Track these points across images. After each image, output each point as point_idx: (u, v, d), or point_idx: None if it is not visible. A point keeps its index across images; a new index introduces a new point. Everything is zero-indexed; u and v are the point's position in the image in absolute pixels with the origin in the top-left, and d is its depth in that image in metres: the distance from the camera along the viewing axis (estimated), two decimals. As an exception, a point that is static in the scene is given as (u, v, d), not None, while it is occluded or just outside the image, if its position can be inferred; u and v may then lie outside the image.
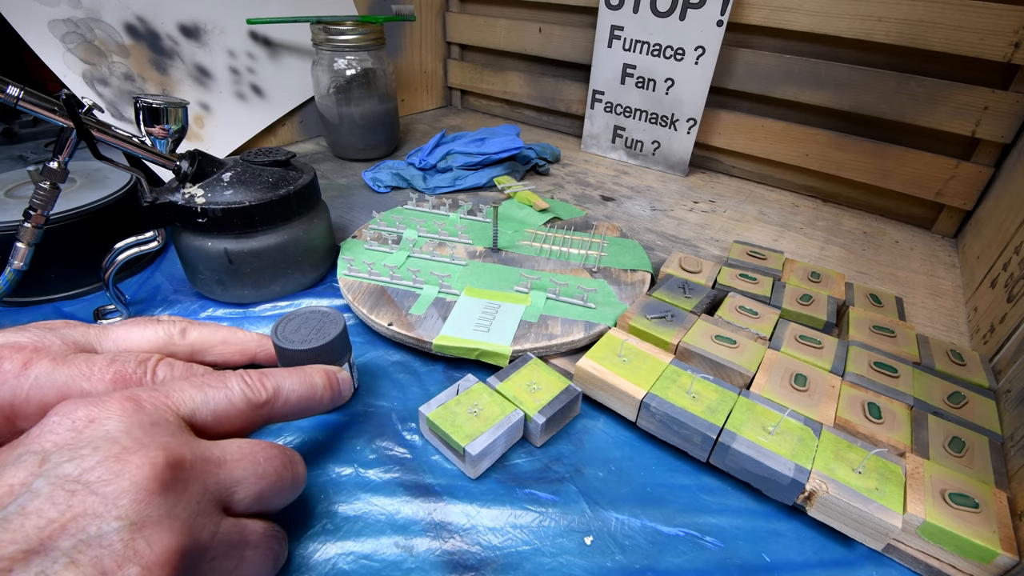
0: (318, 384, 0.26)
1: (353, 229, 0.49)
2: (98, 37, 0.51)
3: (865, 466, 0.26)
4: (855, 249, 0.53)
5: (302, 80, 0.68)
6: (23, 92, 0.30)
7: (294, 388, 0.24)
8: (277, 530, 0.22)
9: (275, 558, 0.21)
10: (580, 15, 0.73)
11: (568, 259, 0.45)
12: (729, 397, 0.30)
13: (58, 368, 0.23)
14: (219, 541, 0.18)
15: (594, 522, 0.26)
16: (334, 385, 0.27)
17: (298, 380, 0.25)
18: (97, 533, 0.15)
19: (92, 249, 0.38)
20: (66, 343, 0.25)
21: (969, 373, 0.34)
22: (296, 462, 0.22)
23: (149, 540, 0.16)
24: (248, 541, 0.20)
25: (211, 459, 0.19)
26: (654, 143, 0.69)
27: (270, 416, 0.24)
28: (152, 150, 0.35)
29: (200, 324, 0.31)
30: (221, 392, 0.22)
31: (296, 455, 0.23)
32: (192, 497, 0.18)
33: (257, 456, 0.21)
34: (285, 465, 0.22)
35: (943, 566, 0.25)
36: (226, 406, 0.22)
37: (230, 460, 0.20)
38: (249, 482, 0.20)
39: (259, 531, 0.20)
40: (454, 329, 0.35)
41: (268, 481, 0.21)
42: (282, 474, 0.21)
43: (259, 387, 0.23)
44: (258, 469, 0.20)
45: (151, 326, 0.29)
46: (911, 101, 0.53)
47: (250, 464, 0.20)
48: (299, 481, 0.23)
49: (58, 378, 0.23)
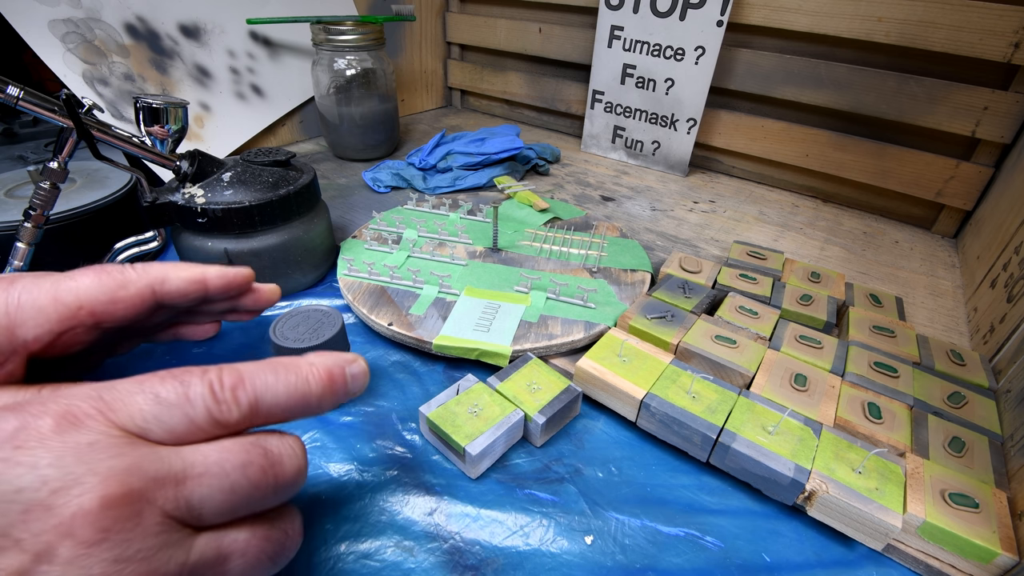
0: (312, 393, 0.20)
1: (353, 229, 0.49)
2: (98, 37, 0.51)
3: (865, 466, 0.26)
4: (855, 249, 0.53)
5: (302, 80, 0.68)
6: (23, 92, 0.30)
7: (279, 399, 0.19)
8: (271, 530, 0.19)
9: (271, 559, 0.19)
10: (580, 15, 0.73)
11: (568, 259, 0.45)
12: (729, 397, 0.30)
13: (39, 278, 0.23)
14: (192, 566, 0.16)
15: (594, 522, 0.26)
16: (338, 389, 0.21)
17: (285, 388, 0.20)
18: None
19: (92, 249, 0.39)
20: None
21: (969, 373, 0.34)
22: (280, 463, 0.19)
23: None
24: (229, 553, 0.17)
25: (167, 478, 0.16)
26: (654, 143, 0.69)
27: (246, 429, 0.20)
28: (152, 150, 0.35)
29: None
30: (177, 410, 0.17)
31: (284, 454, 0.19)
32: (147, 532, 0.15)
33: (225, 467, 0.17)
34: (264, 472, 0.18)
35: (943, 566, 0.25)
36: (185, 426, 0.18)
37: (191, 475, 0.16)
38: (217, 500, 0.17)
39: (243, 540, 0.18)
40: (454, 329, 0.35)
41: (241, 494, 0.18)
42: (259, 484, 0.18)
43: (229, 403, 0.18)
44: (227, 484, 0.17)
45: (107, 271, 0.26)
46: (911, 101, 0.53)
47: (216, 478, 0.17)
48: (285, 483, 0.19)
49: (44, 282, 0.22)
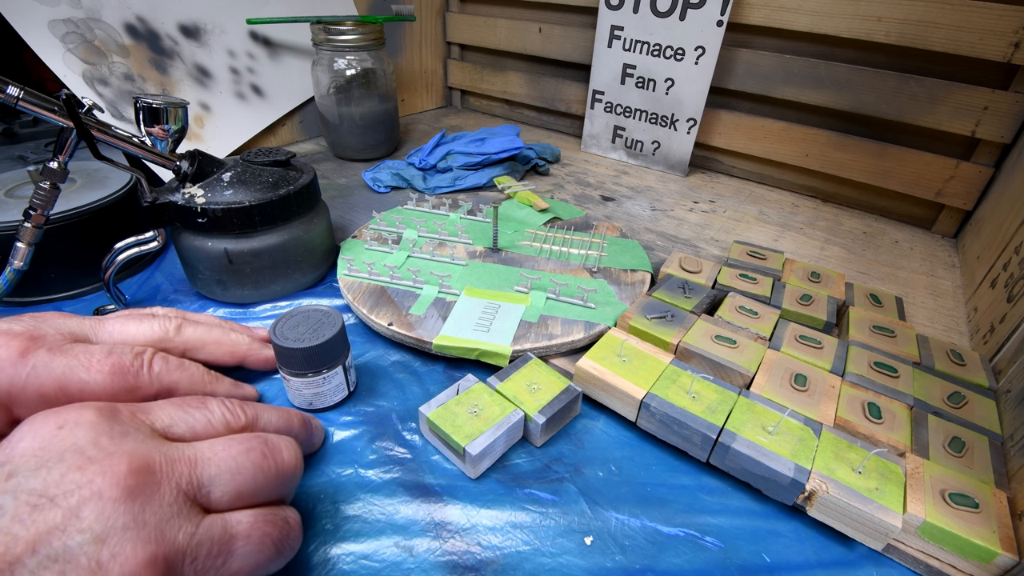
0: (295, 422, 0.27)
1: (353, 229, 0.49)
2: (98, 37, 0.51)
3: (865, 466, 0.26)
4: (855, 249, 0.53)
5: (302, 80, 0.68)
6: (23, 92, 0.30)
7: (271, 419, 0.25)
8: (273, 515, 0.21)
9: (275, 543, 0.20)
10: (580, 15, 0.73)
11: (568, 259, 0.45)
12: (729, 397, 0.30)
13: (56, 358, 0.23)
14: (199, 541, 0.18)
15: (594, 522, 0.26)
16: (309, 425, 0.28)
17: (276, 414, 0.26)
18: (62, 549, 0.15)
19: (92, 249, 0.39)
20: (61, 333, 0.25)
21: (969, 373, 0.34)
22: (279, 450, 0.22)
23: (115, 552, 0.16)
24: (235, 535, 0.19)
25: (181, 459, 0.19)
26: (654, 143, 0.69)
27: None
28: (152, 150, 0.35)
29: (195, 321, 0.31)
30: (200, 412, 0.22)
31: (281, 443, 0.22)
32: (163, 500, 0.18)
33: (231, 451, 0.20)
34: (265, 456, 0.21)
35: (943, 566, 0.25)
36: (204, 425, 0.22)
37: (201, 459, 0.20)
38: (224, 479, 0.20)
39: (247, 522, 0.20)
40: (454, 329, 0.35)
41: (246, 475, 0.20)
42: (261, 466, 0.21)
43: (239, 412, 0.24)
44: (232, 464, 0.20)
45: (147, 321, 0.29)
46: (911, 101, 0.53)
47: (224, 460, 0.20)
48: (285, 470, 0.22)
49: (56, 367, 0.23)
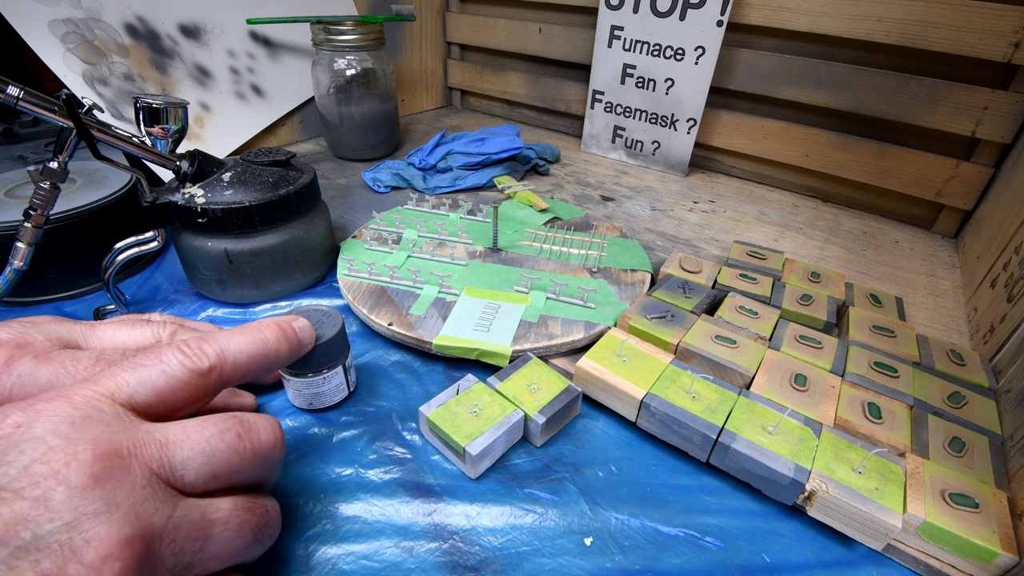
0: (268, 338, 0.24)
1: (353, 229, 0.49)
2: (98, 37, 0.51)
3: (865, 466, 0.26)
4: (855, 249, 0.53)
5: (302, 80, 0.68)
6: (23, 92, 0.30)
7: (242, 348, 0.23)
8: (251, 502, 0.21)
9: (253, 530, 0.20)
10: (580, 15, 0.73)
11: (568, 259, 0.45)
12: (729, 397, 0.30)
13: (41, 366, 0.23)
14: (176, 524, 0.18)
15: (594, 522, 0.26)
16: (289, 335, 0.25)
17: (244, 339, 0.23)
18: (32, 538, 0.15)
19: (92, 249, 0.39)
20: (49, 339, 0.25)
21: (969, 373, 0.34)
22: (255, 431, 0.21)
23: (88, 536, 0.16)
24: (213, 519, 0.19)
25: (151, 442, 0.19)
26: (654, 143, 0.69)
27: (221, 381, 0.22)
28: (152, 150, 0.35)
29: (190, 327, 0.30)
30: (156, 368, 0.20)
31: (259, 423, 0.21)
32: (135, 483, 0.17)
33: (204, 432, 0.20)
34: (240, 437, 0.20)
35: (943, 566, 0.25)
36: (166, 381, 0.20)
37: (173, 441, 0.19)
38: (198, 461, 0.19)
39: (226, 509, 0.19)
40: (454, 329, 0.35)
41: (221, 458, 0.20)
42: (237, 447, 0.20)
43: (199, 354, 0.21)
44: (206, 447, 0.19)
45: (139, 327, 0.28)
46: (911, 101, 0.53)
47: (197, 442, 0.19)
48: (263, 450, 0.21)
49: (41, 376, 0.23)
